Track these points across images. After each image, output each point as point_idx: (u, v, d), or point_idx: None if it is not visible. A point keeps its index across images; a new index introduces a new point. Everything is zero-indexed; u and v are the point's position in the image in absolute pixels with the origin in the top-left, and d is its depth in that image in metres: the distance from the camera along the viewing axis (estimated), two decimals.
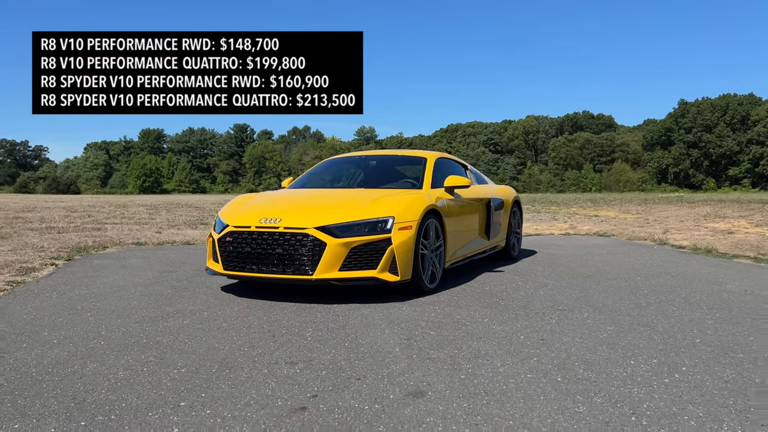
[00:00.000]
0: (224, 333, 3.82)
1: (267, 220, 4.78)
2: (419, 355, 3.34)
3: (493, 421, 2.43)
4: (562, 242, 9.54)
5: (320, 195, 5.56)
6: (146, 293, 5.14)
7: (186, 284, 5.58)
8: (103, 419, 2.43)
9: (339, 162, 6.83)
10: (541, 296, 5.05)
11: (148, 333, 3.81)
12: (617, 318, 4.22)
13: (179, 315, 4.32)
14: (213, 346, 3.53)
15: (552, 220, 13.38)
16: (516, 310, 4.47)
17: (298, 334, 3.78)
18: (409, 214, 4.86)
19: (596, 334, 3.77)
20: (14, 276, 5.96)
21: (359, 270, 4.62)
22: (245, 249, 4.76)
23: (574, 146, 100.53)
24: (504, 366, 3.14)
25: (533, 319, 4.20)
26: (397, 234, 4.70)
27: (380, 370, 3.08)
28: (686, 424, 2.39)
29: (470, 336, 3.73)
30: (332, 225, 4.63)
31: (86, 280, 5.84)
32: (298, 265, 4.58)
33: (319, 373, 3.03)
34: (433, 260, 5.22)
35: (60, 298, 4.93)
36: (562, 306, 4.64)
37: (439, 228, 5.31)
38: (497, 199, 6.97)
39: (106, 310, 4.49)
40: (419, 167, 5.96)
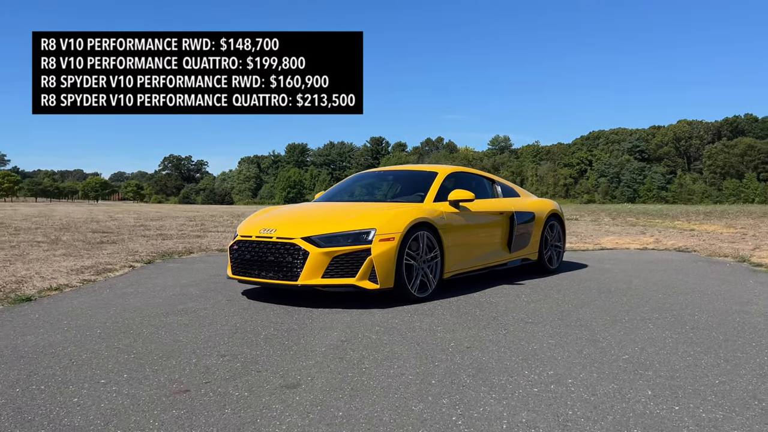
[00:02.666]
0: (199, 329, 4.40)
1: (265, 231, 5.34)
2: (335, 354, 3.69)
3: (339, 414, 2.75)
4: (628, 257, 9.19)
5: (322, 208, 6.04)
6: (178, 293, 5.90)
7: (216, 287, 6.29)
8: (52, 383, 3.08)
9: (363, 177, 7.28)
10: (527, 309, 5.12)
11: (140, 325, 4.49)
12: (571, 332, 4.24)
13: (183, 313, 4.99)
14: (179, 338, 4.12)
15: (639, 234, 12.74)
16: (481, 321, 4.63)
17: (254, 333, 4.27)
18: (392, 227, 5.18)
19: (527, 345, 3.87)
20: (92, 275, 7.04)
21: (340, 277, 5.02)
22: (247, 256, 5.35)
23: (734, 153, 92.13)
24: (401, 368, 3.40)
25: (487, 329, 4.35)
26: (378, 245, 5.04)
27: (285, 365, 3.48)
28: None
29: (404, 341, 3.99)
30: (316, 236, 5.08)
31: (143, 280, 6.77)
32: (286, 271, 5.09)
33: (234, 365, 3.49)
34: (424, 271, 5.48)
35: (108, 294, 5.82)
36: (533, 319, 4.71)
37: (433, 240, 5.55)
38: (525, 213, 7.00)
39: (131, 305, 5.28)
40: (429, 182, 6.23)
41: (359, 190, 7.00)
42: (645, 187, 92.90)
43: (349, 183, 7.16)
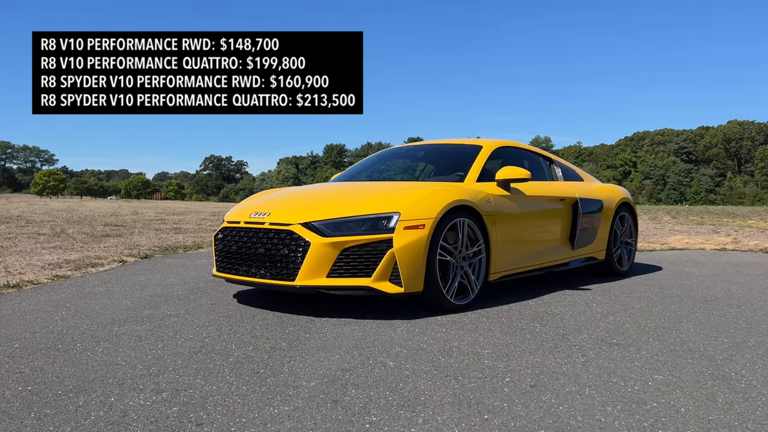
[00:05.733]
0: (152, 345, 3.18)
1: (256, 215, 4.10)
2: (328, 394, 2.41)
3: None
4: (707, 259, 7.66)
5: (333, 188, 4.76)
6: (155, 294, 4.73)
7: (207, 287, 5.10)
8: None
9: (387, 154, 5.95)
10: (605, 324, 3.75)
11: (77, 338, 3.30)
12: (683, 362, 2.88)
13: (145, 320, 3.79)
14: (115, 360, 2.90)
15: (712, 233, 11.08)
16: (545, 341, 3.29)
17: (223, 353, 3.02)
18: (422, 211, 3.87)
19: (623, 385, 2.52)
20: (69, 271, 5.94)
21: (351, 277, 3.74)
22: (233, 248, 4.13)
23: None
24: (429, 422, 2.11)
25: (556, 355, 3.02)
26: (402, 234, 3.74)
27: (247, 412, 2.22)
28: None
29: (435, 373, 2.69)
30: (319, 221, 3.81)
31: (125, 277, 5.62)
32: (280, 267, 3.83)
33: (166, 410, 2.25)
34: (464, 270, 4.16)
35: (69, 294, 4.68)
36: (619, 339, 3.35)
37: (476, 230, 4.22)
38: (591, 201, 5.61)
39: (87, 309, 4.11)
40: (471, 158, 4.89)
41: (382, 169, 5.71)
42: (692, 189, 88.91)
43: (370, 161, 5.87)
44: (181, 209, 23.51)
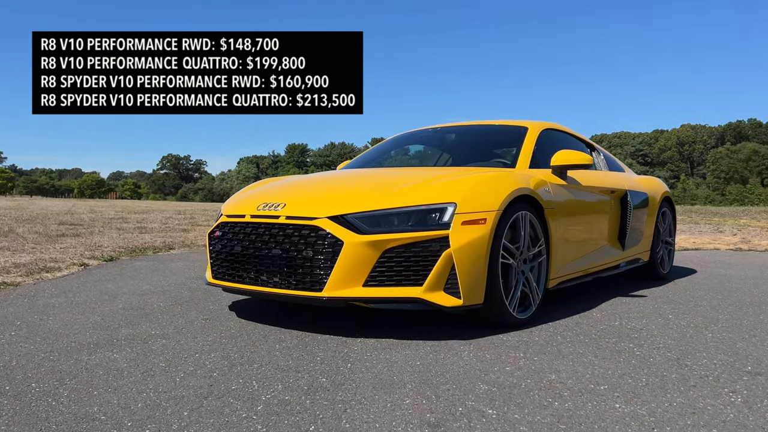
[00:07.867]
0: (140, 380, 2.29)
1: (266, 206, 3.22)
2: None
3: None
4: (733, 259, 7.08)
5: (358, 175, 3.90)
6: (130, 306, 3.79)
7: (192, 296, 4.18)
8: None
9: (408, 137, 5.12)
10: (712, 345, 3.01)
11: (55, 367, 2.37)
12: None
13: (124, 344, 2.88)
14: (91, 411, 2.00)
15: (716, 233, 10.62)
16: (665, 371, 2.52)
17: (245, 396, 2.15)
18: (482, 201, 3.05)
19: None
20: (18, 277, 4.93)
21: (396, 286, 2.89)
22: (236, 248, 3.23)
23: (738, 158, 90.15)
24: None
25: (695, 392, 2.24)
26: (460, 231, 2.92)
27: None
28: None
29: (564, 427, 1.88)
30: (353, 214, 2.96)
31: (89, 284, 4.65)
32: (303, 274, 2.95)
33: None
34: (526, 276, 3.37)
35: (19, 308, 3.71)
36: (752, 366, 2.60)
37: (537, 226, 3.43)
38: (639, 194, 4.90)
39: (42, 329, 3.17)
40: (517, 141, 4.10)
41: (405, 154, 4.87)
42: None
43: (387, 145, 5.00)
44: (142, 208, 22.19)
